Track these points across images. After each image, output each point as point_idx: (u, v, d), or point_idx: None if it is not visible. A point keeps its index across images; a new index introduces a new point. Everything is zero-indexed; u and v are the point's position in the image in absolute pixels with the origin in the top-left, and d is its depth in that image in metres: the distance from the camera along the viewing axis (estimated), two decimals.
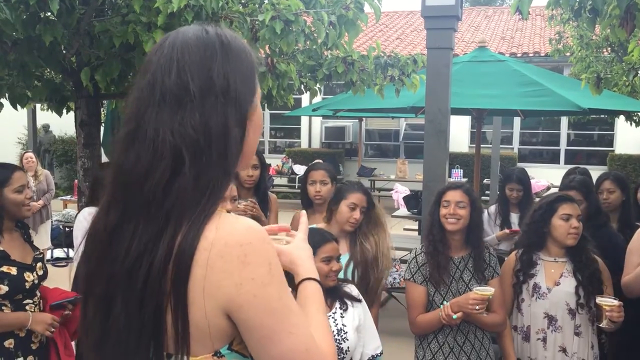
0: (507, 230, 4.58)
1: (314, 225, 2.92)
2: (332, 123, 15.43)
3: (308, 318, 1.13)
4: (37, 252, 2.88)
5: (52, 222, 7.90)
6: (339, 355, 2.40)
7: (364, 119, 14.44)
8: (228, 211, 1.10)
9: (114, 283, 1.05)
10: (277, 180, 14.63)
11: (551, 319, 2.92)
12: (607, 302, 2.73)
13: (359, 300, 2.53)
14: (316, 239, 2.45)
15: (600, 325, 2.81)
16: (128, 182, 1.05)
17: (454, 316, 2.73)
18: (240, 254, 1.01)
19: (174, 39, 1.11)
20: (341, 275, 2.90)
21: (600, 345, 3.11)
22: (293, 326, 1.04)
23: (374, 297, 2.98)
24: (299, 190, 3.93)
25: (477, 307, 2.66)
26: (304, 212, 1.42)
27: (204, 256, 1.00)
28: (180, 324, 1.01)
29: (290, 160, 14.64)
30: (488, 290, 2.70)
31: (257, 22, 3.42)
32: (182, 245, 1.00)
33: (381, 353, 2.54)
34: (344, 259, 2.96)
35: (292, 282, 1.23)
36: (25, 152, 7.72)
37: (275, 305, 1.02)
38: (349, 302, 2.49)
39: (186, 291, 1.00)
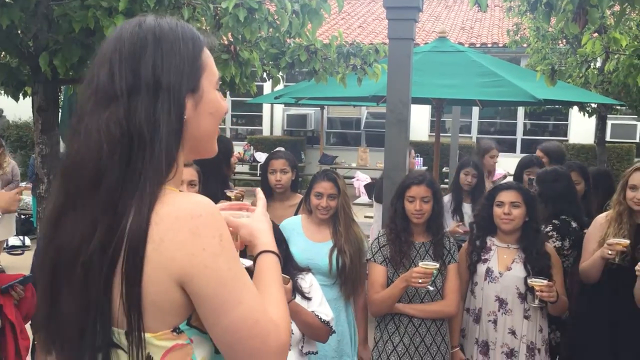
0: (459, 230, 4.58)
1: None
2: (294, 111, 15.41)
3: (263, 291, 1.16)
4: None
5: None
6: None
7: (325, 107, 14.47)
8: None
9: (59, 266, 1.09)
10: (239, 168, 14.55)
11: (502, 302, 3.05)
12: (537, 282, 2.87)
13: (307, 299, 2.52)
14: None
15: (533, 305, 2.95)
16: (70, 173, 1.11)
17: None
18: (192, 226, 1.04)
19: (113, 34, 1.15)
20: (325, 261, 2.96)
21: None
22: (243, 296, 1.06)
23: (357, 284, 3.06)
24: (260, 178, 3.94)
25: (420, 280, 2.76)
26: (258, 189, 1.46)
27: (154, 231, 1.03)
28: (134, 301, 1.03)
29: (252, 147, 14.57)
30: (432, 265, 2.81)
31: (220, 9, 3.41)
32: (133, 225, 1.02)
33: (331, 328, 2.53)
34: (328, 246, 3.03)
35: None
36: None
37: (226, 275, 1.05)
38: (297, 295, 2.51)
39: (142, 268, 1.03)
